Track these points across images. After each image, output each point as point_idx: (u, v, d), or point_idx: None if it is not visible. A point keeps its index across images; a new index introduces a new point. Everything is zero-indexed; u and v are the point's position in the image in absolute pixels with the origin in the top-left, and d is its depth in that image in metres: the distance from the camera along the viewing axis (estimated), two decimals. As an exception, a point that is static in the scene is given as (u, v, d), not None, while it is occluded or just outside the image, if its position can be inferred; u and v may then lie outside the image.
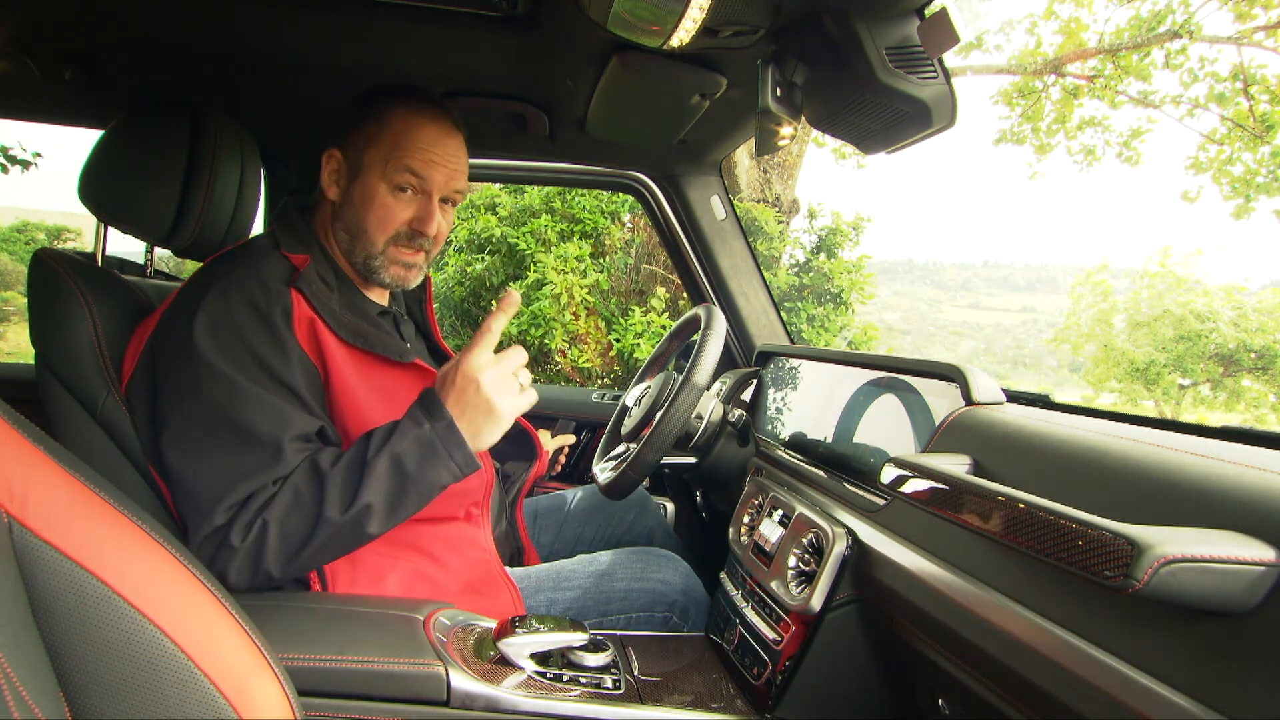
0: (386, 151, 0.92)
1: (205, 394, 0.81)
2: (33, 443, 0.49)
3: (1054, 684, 0.53)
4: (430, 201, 0.95)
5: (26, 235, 13.10)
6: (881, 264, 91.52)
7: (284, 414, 0.82)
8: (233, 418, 0.81)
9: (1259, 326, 10.75)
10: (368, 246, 0.95)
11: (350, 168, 0.95)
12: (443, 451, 0.81)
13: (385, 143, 0.93)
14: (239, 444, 0.81)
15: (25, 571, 0.46)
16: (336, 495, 0.78)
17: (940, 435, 0.79)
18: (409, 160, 0.92)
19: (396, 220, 0.94)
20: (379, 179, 0.93)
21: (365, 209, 0.94)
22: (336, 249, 0.98)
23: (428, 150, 0.93)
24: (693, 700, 0.87)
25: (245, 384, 0.82)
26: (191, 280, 0.91)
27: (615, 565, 1.08)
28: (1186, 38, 6.31)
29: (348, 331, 0.90)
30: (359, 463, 0.79)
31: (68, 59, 1.14)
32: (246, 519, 0.78)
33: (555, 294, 4.58)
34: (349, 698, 0.73)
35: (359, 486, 0.78)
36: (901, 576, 0.72)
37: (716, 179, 1.60)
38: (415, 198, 0.94)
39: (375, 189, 0.93)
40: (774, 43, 0.90)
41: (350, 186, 0.95)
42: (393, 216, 0.94)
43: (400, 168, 0.92)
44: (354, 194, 0.94)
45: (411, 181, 0.93)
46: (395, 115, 0.93)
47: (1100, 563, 0.44)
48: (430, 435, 0.80)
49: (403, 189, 0.93)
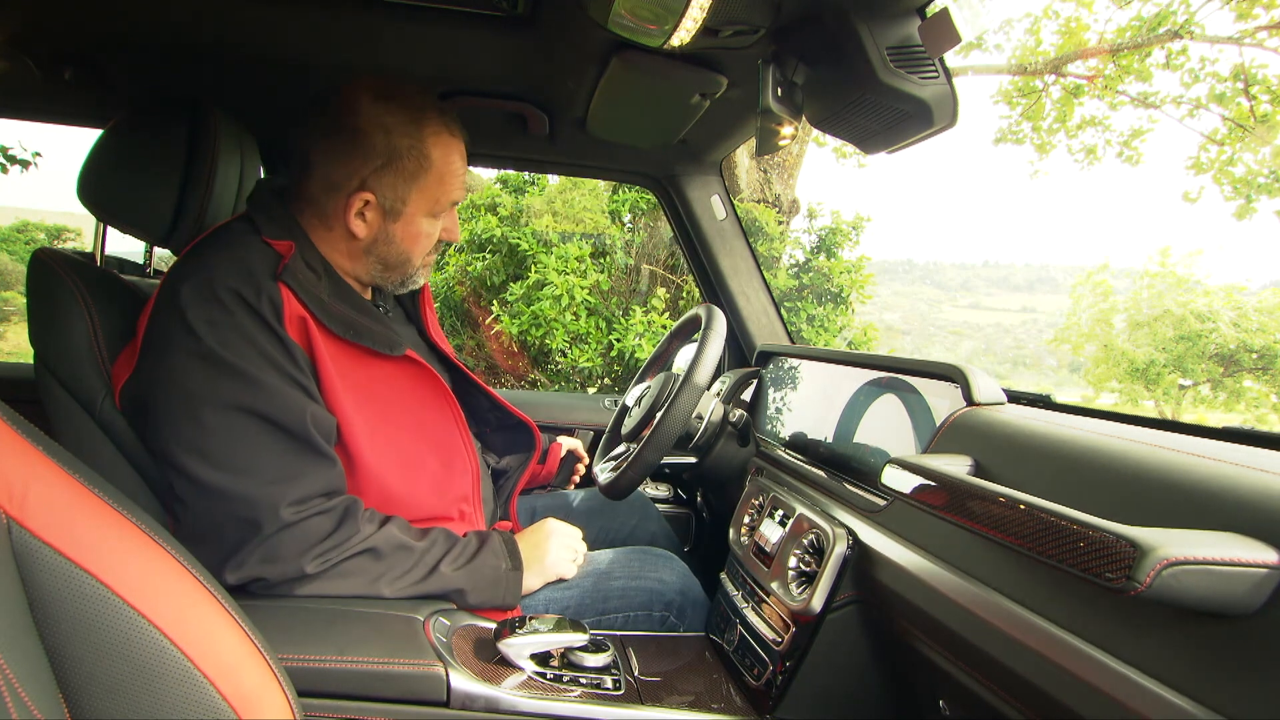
0: (433, 193, 0.93)
1: (223, 398, 0.80)
2: (32, 443, 0.49)
3: (1054, 685, 0.53)
4: (454, 212, 0.99)
5: (26, 235, 13.11)
6: (881, 264, 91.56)
7: (305, 408, 0.82)
8: (261, 419, 0.80)
9: (1259, 326, 10.75)
10: (406, 269, 0.98)
11: (387, 210, 0.92)
12: (502, 591, 0.93)
13: (430, 185, 0.92)
14: (275, 442, 0.81)
15: (24, 573, 0.46)
16: (395, 582, 0.85)
17: (941, 436, 0.79)
18: (455, 195, 0.96)
19: (434, 241, 0.98)
20: (423, 219, 0.95)
21: (411, 244, 0.96)
22: (333, 251, 0.95)
23: (461, 175, 0.97)
24: (693, 701, 0.86)
25: (262, 379, 0.81)
26: (172, 276, 0.86)
27: (613, 565, 1.08)
28: (1187, 38, 6.30)
29: (338, 324, 0.87)
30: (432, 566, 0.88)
31: (68, 59, 1.14)
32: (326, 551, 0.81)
33: (556, 294, 4.58)
34: (349, 698, 0.73)
35: (420, 582, 0.87)
36: (902, 577, 0.72)
37: (716, 179, 1.60)
38: (446, 215, 0.98)
39: (421, 225, 0.95)
40: (774, 42, 0.90)
41: (389, 226, 0.93)
42: (432, 240, 0.98)
43: (445, 204, 0.96)
44: (394, 233, 0.94)
45: (449, 208, 0.98)
46: (432, 150, 0.91)
47: (1102, 565, 0.44)
48: (504, 577, 0.93)
49: (440, 216, 0.97)
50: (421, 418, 0.96)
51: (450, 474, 0.98)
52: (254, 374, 0.80)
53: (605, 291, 4.93)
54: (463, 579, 0.89)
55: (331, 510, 0.83)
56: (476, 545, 0.93)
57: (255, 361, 0.81)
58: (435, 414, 0.97)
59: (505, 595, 0.92)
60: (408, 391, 0.95)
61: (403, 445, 0.93)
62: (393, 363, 0.93)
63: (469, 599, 0.89)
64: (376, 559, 0.84)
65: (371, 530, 0.85)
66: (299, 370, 0.84)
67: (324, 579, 0.81)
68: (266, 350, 0.82)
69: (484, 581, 0.90)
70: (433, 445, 0.97)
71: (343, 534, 0.82)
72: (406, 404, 0.94)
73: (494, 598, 0.91)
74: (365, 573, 0.83)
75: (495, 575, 0.91)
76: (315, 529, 0.81)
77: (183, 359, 0.81)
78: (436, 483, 0.97)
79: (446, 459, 0.98)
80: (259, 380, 0.80)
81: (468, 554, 0.91)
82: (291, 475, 0.81)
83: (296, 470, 0.81)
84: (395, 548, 0.85)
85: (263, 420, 0.81)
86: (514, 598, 0.93)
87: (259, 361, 0.81)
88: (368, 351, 0.91)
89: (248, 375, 0.80)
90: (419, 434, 0.95)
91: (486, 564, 0.91)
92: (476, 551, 0.92)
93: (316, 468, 0.83)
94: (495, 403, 1.19)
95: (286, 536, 0.79)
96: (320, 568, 0.81)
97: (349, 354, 0.90)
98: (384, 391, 0.92)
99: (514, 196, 5.23)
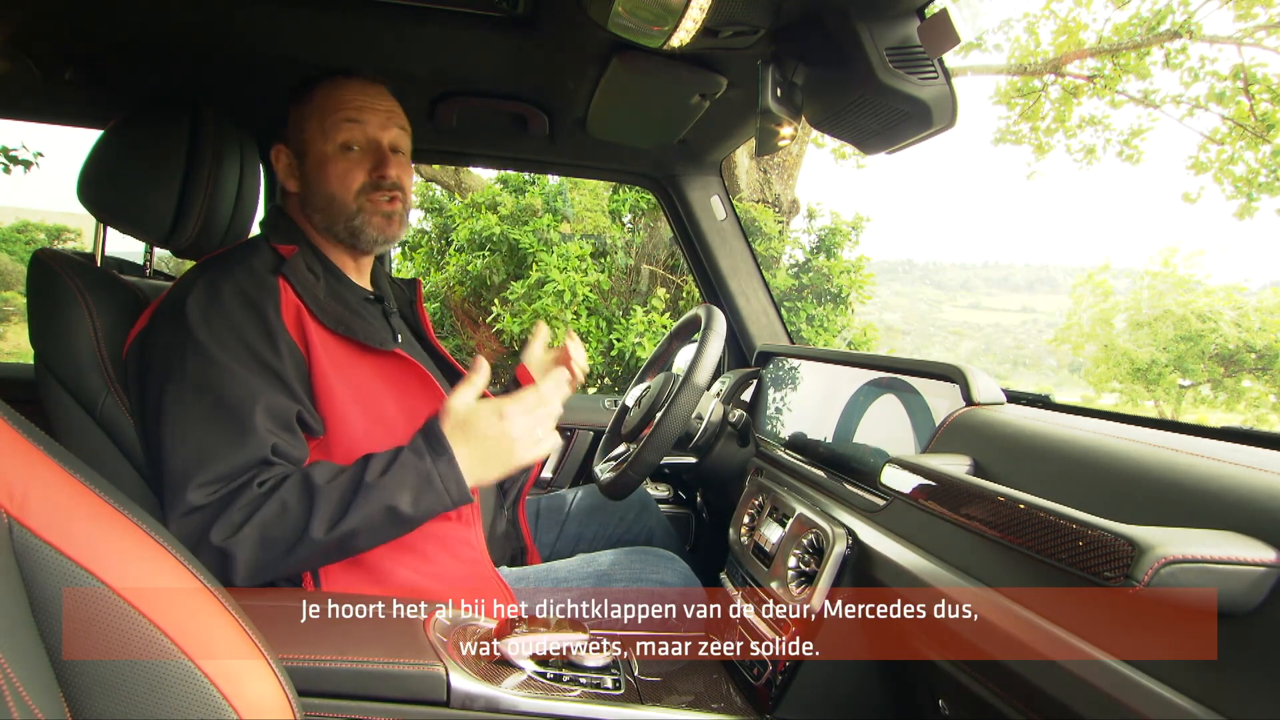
0: (320, 120, 0.97)
1: (189, 373, 0.82)
2: (33, 443, 0.49)
3: (1054, 684, 0.53)
4: (381, 148, 0.98)
5: (26, 235, 13.12)
6: (881, 264, 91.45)
7: (260, 394, 0.83)
8: (209, 395, 0.82)
9: (1261, 326, 10.75)
10: (342, 209, 0.98)
11: (297, 154, 0.99)
12: (439, 486, 0.81)
13: (316, 113, 0.97)
14: (213, 422, 0.81)
15: (25, 572, 0.46)
16: (325, 515, 0.78)
17: (940, 436, 0.79)
18: (342, 114, 0.96)
19: (356, 176, 0.97)
20: (323, 145, 0.97)
21: (323, 178, 0.97)
22: (318, 235, 1.01)
23: (355, 99, 0.97)
24: (693, 700, 0.87)
25: (227, 363, 0.82)
26: (184, 277, 0.92)
27: (614, 566, 1.08)
28: (1186, 37, 6.30)
29: (331, 319, 0.91)
30: (353, 486, 0.79)
31: (68, 59, 1.14)
32: (230, 518, 0.78)
33: (558, 290, 4.59)
34: (348, 698, 0.73)
35: (348, 509, 0.78)
36: (901, 577, 0.72)
37: (716, 179, 1.60)
38: (365, 153, 0.98)
39: (324, 156, 0.97)
40: (774, 43, 0.90)
41: (304, 168, 0.99)
42: (352, 173, 0.97)
43: (337, 124, 0.96)
44: (309, 173, 0.98)
45: (354, 135, 0.97)
46: (318, 91, 0.98)
47: (1100, 563, 0.44)
48: (429, 469, 0.81)
49: (349, 147, 0.97)
50: (414, 413, 0.96)
51: None
52: (219, 356, 0.83)
53: (605, 291, 4.94)
54: (384, 490, 0.79)
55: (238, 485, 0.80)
56: (391, 454, 0.82)
57: (229, 347, 0.84)
58: (426, 409, 0.98)
59: (448, 489, 0.81)
60: (399, 387, 0.96)
61: (395, 440, 0.93)
62: (383, 358, 0.94)
63: (404, 511, 0.79)
64: (283, 505, 0.78)
65: (276, 485, 0.80)
66: (276, 357, 0.85)
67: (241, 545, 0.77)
68: (247, 337, 0.84)
69: (411, 485, 0.80)
70: None
71: (243, 500, 0.79)
72: (398, 399, 0.95)
73: (433, 498, 0.81)
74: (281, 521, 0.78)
75: (420, 472, 0.80)
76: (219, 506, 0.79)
77: (174, 345, 0.84)
78: None
79: None
80: (220, 361, 0.83)
81: (381, 463, 0.81)
82: (211, 455, 0.79)
83: (217, 450, 0.80)
84: (302, 489, 0.79)
85: (210, 399, 0.82)
86: (461, 492, 0.82)
87: (233, 347, 0.84)
88: (359, 346, 0.93)
89: (213, 356, 0.83)
90: (411, 429, 0.95)
91: (407, 466, 0.80)
92: (392, 460, 0.81)
93: (243, 448, 0.80)
94: None
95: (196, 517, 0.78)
96: (225, 536, 0.77)
97: (342, 348, 0.92)
98: (376, 386, 0.93)
99: (515, 197, 5.23)
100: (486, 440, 0.84)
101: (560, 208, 5.04)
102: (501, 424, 0.83)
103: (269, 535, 0.78)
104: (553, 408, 0.87)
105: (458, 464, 0.82)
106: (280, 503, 0.79)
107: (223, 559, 0.77)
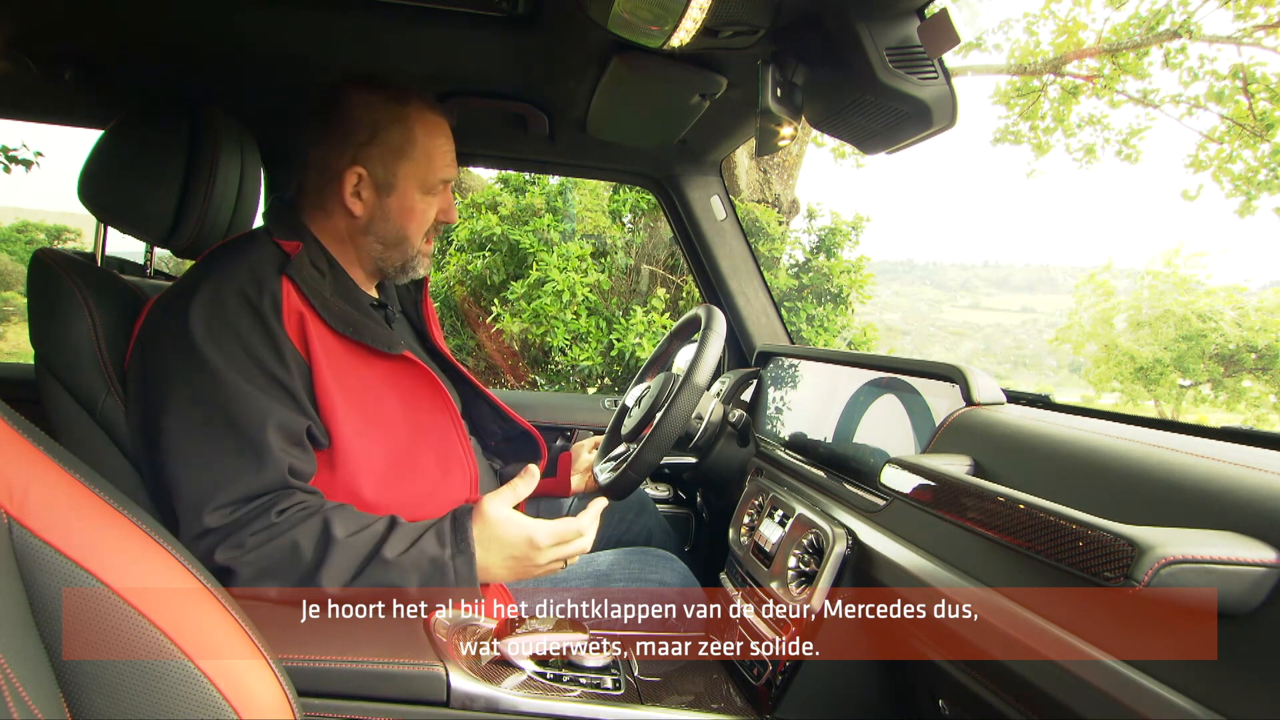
0: (423, 167, 0.96)
1: (195, 391, 0.82)
2: (33, 443, 0.49)
3: (1054, 684, 0.53)
4: (448, 192, 1.02)
5: (26, 235, 13.13)
6: (881, 264, 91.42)
7: (271, 412, 0.82)
8: (220, 418, 0.81)
9: (1261, 326, 10.75)
10: (407, 250, 1.00)
11: (380, 185, 0.95)
12: (450, 579, 0.82)
13: (419, 158, 0.96)
14: (227, 444, 0.81)
15: (25, 571, 0.46)
16: (336, 571, 0.79)
17: (940, 436, 0.79)
18: (445, 173, 0.98)
19: (430, 219, 1.00)
20: (415, 193, 0.97)
21: (406, 220, 0.98)
22: (334, 240, 0.98)
23: (449, 149, 0.99)
24: (693, 700, 0.87)
25: (236, 381, 0.82)
26: (186, 275, 0.91)
27: (613, 566, 1.08)
28: (1186, 37, 6.30)
29: (338, 320, 0.89)
30: (370, 555, 0.80)
31: (68, 59, 1.14)
32: (239, 539, 0.78)
33: (558, 290, 4.59)
34: (348, 698, 0.73)
35: (359, 574, 0.80)
36: (901, 577, 0.72)
37: (716, 179, 1.60)
38: (440, 194, 1.01)
39: (414, 200, 0.97)
40: (774, 43, 0.90)
41: (383, 201, 0.96)
42: (428, 217, 1.00)
43: (435, 184, 0.98)
44: (389, 209, 0.97)
45: (441, 186, 1.00)
46: (416, 125, 0.96)
47: (1100, 563, 0.44)
48: (446, 563, 0.82)
49: (433, 192, 0.99)
50: (418, 420, 0.96)
51: (447, 478, 0.98)
52: (228, 375, 0.82)
53: (605, 291, 4.94)
54: (397, 570, 0.80)
55: (254, 509, 0.80)
56: (416, 532, 0.83)
57: (237, 362, 0.83)
58: (431, 416, 0.97)
59: (459, 586, 0.82)
60: (404, 392, 0.95)
61: (397, 446, 0.93)
62: (390, 362, 0.93)
63: (413, 591, 0.80)
64: (295, 548, 0.79)
65: (295, 522, 0.80)
66: (285, 370, 0.84)
67: (245, 566, 0.78)
68: (255, 351, 0.83)
69: (423, 572, 0.81)
70: (429, 448, 0.97)
71: (257, 526, 0.80)
72: (403, 405, 0.94)
73: (442, 591, 0.82)
74: (291, 563, 0.79)
75: (438, 563, 0.81)
76: (235, 529, 0.79)
77: (176, 353, 0.83)
78: (433, 486, 0.96)
79: (444, 463, 0.98)
80: (229, 380, 0.82)
81: (403, 541, 0.82)
82: (228, 478, 0.80)
83: (234, 473, 0.80)
84: (320, 537, 0.80)
85: (222, 418, 0.81)
86: (471, 592, 0.83)
87: (241, 362, 0.83)
88: (366, 349, 0.91)
89: (221, 375, 0.82)
90: (415, 435, 0.95)
91: (426, 553, 0.81)
92: (416, 539, 0.82)
93: (259, 471, 0.81)
94: (499, 411, 1.19)
95: (209, 539, 0.79)
96: (231, 557, 0.78)
97: (346, 351, 0.90)
98: (381, 391, 0.92)
99: (515, 196, 5.23)
100: (512, 557, 0.86)
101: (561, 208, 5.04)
102: (531, 551, 0.86)
103: (275, 566, 0.79)
104: (585, 541, 0.90)
105: (475, 565, 0.83)
106: (293, 544, 0.79)
107: (223, 574, 0.78)
